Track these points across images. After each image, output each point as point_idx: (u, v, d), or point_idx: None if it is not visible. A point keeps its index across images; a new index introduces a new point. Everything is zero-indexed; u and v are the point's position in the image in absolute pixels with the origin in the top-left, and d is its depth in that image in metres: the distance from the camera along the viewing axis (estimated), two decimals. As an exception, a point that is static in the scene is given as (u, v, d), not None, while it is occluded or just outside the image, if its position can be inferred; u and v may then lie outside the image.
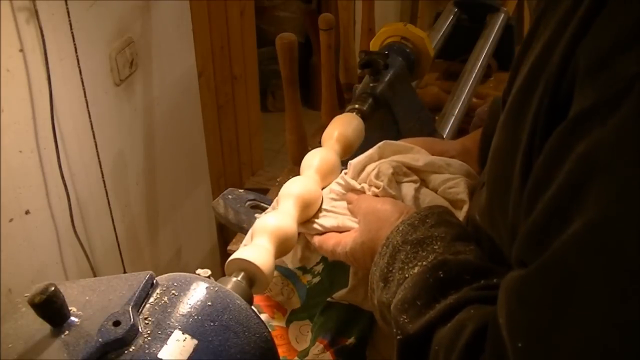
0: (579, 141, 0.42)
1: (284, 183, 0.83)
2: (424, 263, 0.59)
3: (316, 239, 0.78)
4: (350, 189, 0.79)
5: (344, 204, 0.79)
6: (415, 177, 0.78)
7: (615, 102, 0.40)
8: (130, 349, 0.53)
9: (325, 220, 0.78)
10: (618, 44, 0.41)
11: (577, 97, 0.44)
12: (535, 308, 0.43)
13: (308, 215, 0.83)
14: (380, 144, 0.82)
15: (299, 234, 0.78)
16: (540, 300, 0.43)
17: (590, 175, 0.40)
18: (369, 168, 0.79)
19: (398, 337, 0.57)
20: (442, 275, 0.57)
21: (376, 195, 0.76)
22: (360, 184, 0.79)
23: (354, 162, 0.81)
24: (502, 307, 0.46)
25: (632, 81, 0.39)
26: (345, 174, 0.82)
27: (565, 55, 0.46)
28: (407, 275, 0.60)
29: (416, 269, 0.59)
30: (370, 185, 0.77)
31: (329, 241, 0.76)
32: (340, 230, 0.77)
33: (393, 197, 0.75)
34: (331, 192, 0.81)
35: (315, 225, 0.78)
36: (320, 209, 0.80)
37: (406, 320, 0.57)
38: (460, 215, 0.73)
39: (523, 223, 0.47)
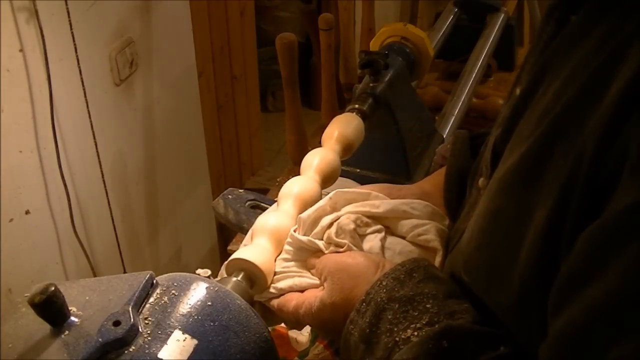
0: (631, 242, 0.38)
1: (284, 183, 0.83)
2: (418, 325, 0.54)
3: (274, 302, 0.68)
4: (300, 247, 0.70)
5: (296, 264, 0.70)
6: (379, 226, 0.70)
7: None
8: (130, 349, 0.53)
9: (279, 283, 0.69)
10: None
11: (627, 186, 0.39)
12: None
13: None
14: (331, 194, 0.73)
15: (255, 303, 0.69)
16: None
17: None
18: (323, 222, 0.70)
19: None
20: (446, 345, 0.51)
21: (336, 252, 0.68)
22: (314, 240, 0.69)
23: (303, 217, 0.71)
24: None
25: None
26: (295, 231, 0.72)
27: (608, 131, 0.41)
28: (397, 339, 0.54)
29: (409, 332, 0.54)
30: (329, 243, 0.68)
31: (290, 303, 0.66)
32: (298, 289, 0.68)
33: None
34: (282, 253, 0.72)
35: (271, 290, 0.69)
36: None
37: None
38: (436, 263, 0.68)
39: (552, 314, 0.44)
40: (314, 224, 0.70)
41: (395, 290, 0.57)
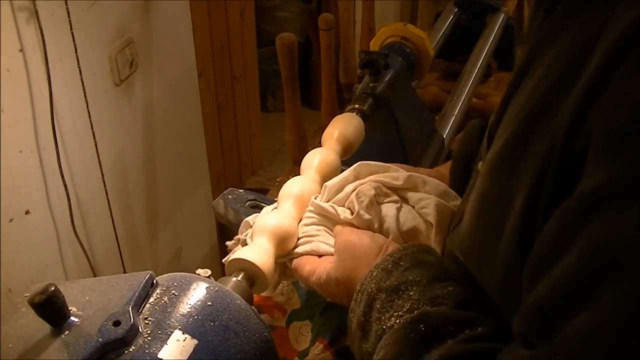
0: (592, 222, 0.40)
1: (284, 183, 0.83)
2: (400, 313, 0.56)
3: (294, 262, 0.74)
4: (320, 213, 0.75)
5: (316, 227, 0.75)
6: (395, 197, 0.75)
7: (632, 188, 0.38)
8: (130, 349, 0.53)
9: (298, 248, 0.74)
10: (634, 121, 0.39)
11: (590, 170, 0.41)
12: None
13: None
14: (355, 165, 0.78)
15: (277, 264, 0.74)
16: None
17: (606, 267, 0.39)
18: (347, 189, 0.75)
19: None
20: (423, 329, 0.53)
21: (350, 222, 0.73)
22: (337, 206, 0.75)
23: (329, 184, 0.77)
24: None
25: None
26: (315, 198, 0.78)
27: (575, 122, 0.43)
28: (384, 327, 0.57)
29: (392, 320, 0.56)
30: (349, 209, 0.73)
31: (305, 267, 0.72)
32: (315, 254, 0.73)
33: (368, 222, 0.72)
34: (303, 219, 0.77)
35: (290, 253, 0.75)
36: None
37: None
38: (431, 238, 0.71)
39: (524, 292, 0.46)
40: (338, 191, 0.76)
41: (382, 280, 0.60)
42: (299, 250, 0.74)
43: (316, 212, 0.76)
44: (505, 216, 0.49)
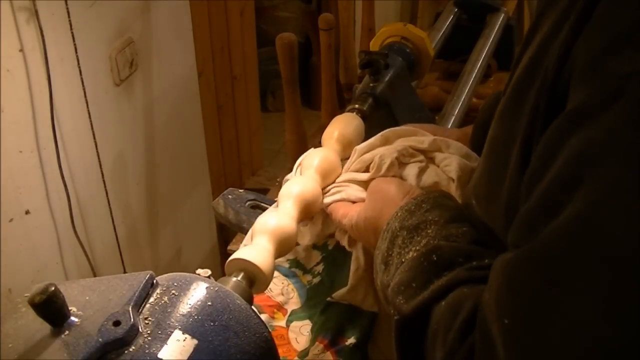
0: (571, 137, 0.44)
1: (284, 183, 0.83)
2: (418, 247, 0.62)
3: (330, 207, 0.82)
4: (348, 172, 0.84)
5: (346, 182, 0.83)
6: (421, 157, 0.81)
7: (607, 102, 0.42)
8: (130, 349, 0.53)
9: (333, 196, 0.82)
10: (610, 45, 0.43)
11: (572, 95, 0.46)
12: (521, 289, 0.45)
13: (308, 215, 0.83)
14: (383, 132, 0.85)
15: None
16: (527, 282, 0.45)
17: (581, 170, 0.43)
18: (375, 151, 0.82)
19: (395, 317, 0.60)
20: (435, 259, 0.59)
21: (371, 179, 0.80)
22: (361, 166, 0.83)
23: (359, 147, 0.84)
24: (491, 286, 0.49)
25: (622, 83, 0.41)
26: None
27: (562, 53, 0.47)
28: (403, 260, 0.63)
29: (410, 254, 0.62)
30: (375, 167, 0.80)
31: (339, 210, 0.80)
32: (348, 200, 0.81)
33: None
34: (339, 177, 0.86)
35: (326, 200, 0.83)
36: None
37: (402, 302, 0.59)
38: (452, 192, 0.76)
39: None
40: (366, 152, 0.83)
41: (405, 220, 0.66)
42: (331, 198, 0.82)
43: (345, 171, 0.85)
44: (509, 154, 0.53)
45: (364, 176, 0.81)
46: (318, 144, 0.93)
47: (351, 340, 0.82)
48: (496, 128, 0.58)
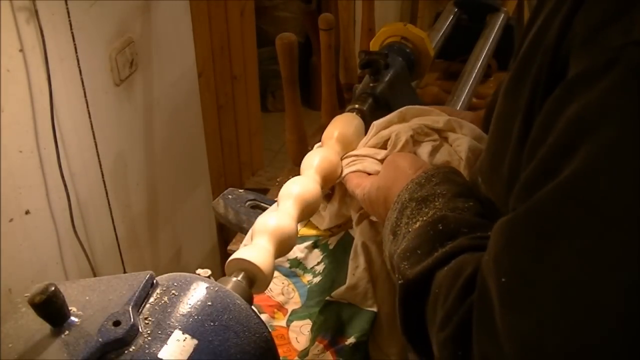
0: (570, 104, 0.46)
1: (284, 183, 0.83)
2: (425, 218, 0.64)
3: (346, 177, 0.85)
4: (365, 147, 0.87)
5: (365, 151, 0.86)
6: (435, 137, 0.84)
7: (603, 70, 0.44)
8: (130, 349, 0.53)
9: (349, 168, 0.85)
10: (607, 17, 0.46)
11: (571, 65, 0.48)
12: (518, 247, 0.47)
13: (308, 215, 0.83)
14: (401, 108, 0.88)
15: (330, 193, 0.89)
16: (523, 239, 0.47)
17: (578, 134, 0.45)
18: (392, 128, 0.85)
19: (399, 282, 0.62)
20: (441, 228, 0.62)
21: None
22: (378, 142, 0.86)
23: (377, 123, 0.88)
24: (490, 247, 0.51)
25: (618, 52, 0.44)
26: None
27: (563, 27, 0.50)
28: (410, 229, 0.65)
29: (417, 224, 0.65)
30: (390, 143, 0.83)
31: (354, 180, 0.83)
32: (365, 172, 0.83)
33: None
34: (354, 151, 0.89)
35: (344, 172, 0.85)
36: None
37: (407, 267, 0.61)
38: (461, 168, 0.78)
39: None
40: (383, 129, 0.87)
41: (415, 192, 0.68)
42: (349, 169, 0.84)
43: (362, 146, 0.88)
44: (511, 129, 0.55)
45: (380, 153, 0.84)
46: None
47: (351, 340, 0.82)
48: (500, 106, 0.60)
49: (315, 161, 0.85)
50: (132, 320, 0.54)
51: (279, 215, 0.76)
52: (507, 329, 0.46)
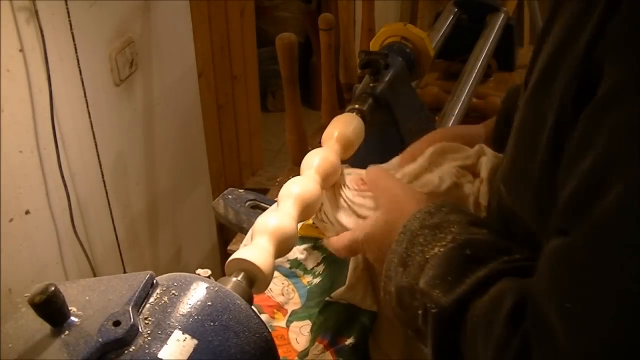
0: (612, 114, 0.44)
1: (284, 183, 0.83)
2: (444, 243, 0.63)
3: (332, 240, 0.79)
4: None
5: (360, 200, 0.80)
6: (470, 177, 0.81)
7: None
8: (130, 349, 0.53)
9: (343, 218, 0.79)
10: None
11: (607, 73, 0.46)
12: (582, 271, 0.46)
13: (308, 215, 0.83)
14: (428, 152, 0.83)
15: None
16: (588, 263, 0.45)
17: (627, 145, 0.43)
18: (429, 176, 0.81)
19: (433, 310, 0.60)
20: (468, 253, 0.60)
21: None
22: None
23: (406, 171, 0.83)
24: (546, 273, 0.49)
25: None
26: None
27: (594, 35, 0.48)
28: (427, 257, 0.63)
29: (435, 249, 0.63)
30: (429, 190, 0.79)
31: (342, 240, 0.77)
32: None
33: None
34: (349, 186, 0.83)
35: (338, 218, 0.79)
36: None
37: (440, 294, 0.59)
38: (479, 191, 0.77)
39: (559, 195, 0.50)
40: (416, 177, 0.83)
41: (426, 220, 0.66)
42: (343, 220, 0.79)
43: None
44: (539, 134, 0.53)
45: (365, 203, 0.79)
46: (318, 144, 0.93)
47: (350, 340, 0.82)
48: (522, 113, 0.59)
49: (315, 161, 0.85)
50: (132, 320, 0.54)
51: (279, 216, 0.76)
52: (575, 355, 0.45)
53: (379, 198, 0.75)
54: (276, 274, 0.89)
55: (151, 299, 0.58)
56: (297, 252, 0.93)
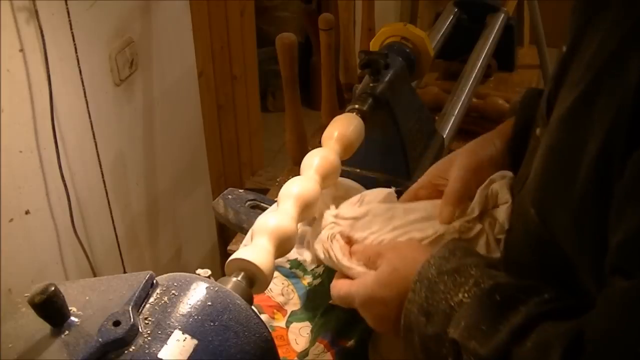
0: None
1: (284, 183, 0.83)
2: (467, 288, 0.61)
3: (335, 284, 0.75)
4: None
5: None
6: (478, 228, 0.77)
7: None
8: (130, 349, 0.53)
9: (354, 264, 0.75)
10: None
11: None
12: None
13: (308, 215, 0.83)
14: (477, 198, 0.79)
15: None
16: None
17: None
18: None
19: None
20: (498, 299, 0.59)
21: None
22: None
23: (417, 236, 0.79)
24: (608, 318, 0.49)
25: None
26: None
27: None
28: (451, 304, 0.61)
29: (459, 295, 0.61)
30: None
31: (337, 291, 0.74)
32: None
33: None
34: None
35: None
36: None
37: (477, 346, 0.57)
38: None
39: (610, 230, 0.50)
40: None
41: (442, 266, 0.64)
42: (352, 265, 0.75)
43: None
44: (578, 160, 0.53)
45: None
46: (318, 144, 0.93)
47: (351, 343, 0.82)
48: (559, 133, 0.58)
49: (315, 161, 0.85)
50: (132, 320, 0.54)
51: (279, 216, 0.76)
52: None
53: (379, 252, 0.72)
54: (276, 274, 0.89)
55: (151, 299, 0.58)
56: (297, 252, 0.93)
